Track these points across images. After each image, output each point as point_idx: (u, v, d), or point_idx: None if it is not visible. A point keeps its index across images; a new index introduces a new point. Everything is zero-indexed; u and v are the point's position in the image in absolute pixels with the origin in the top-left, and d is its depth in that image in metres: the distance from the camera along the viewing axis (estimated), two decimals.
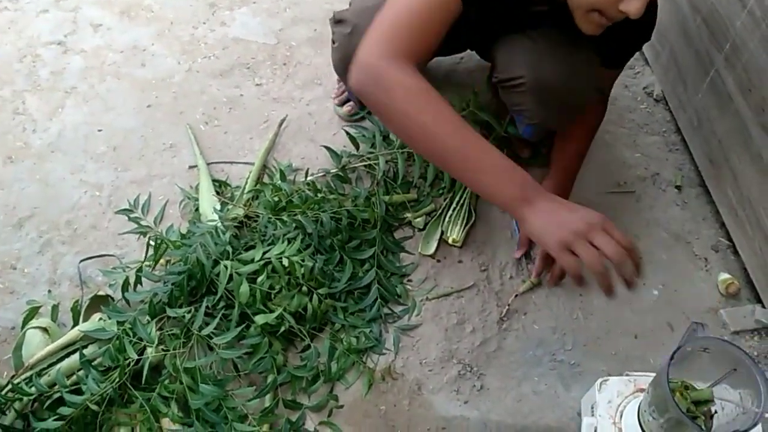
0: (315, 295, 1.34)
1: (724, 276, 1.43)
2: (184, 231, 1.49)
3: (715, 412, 0.99)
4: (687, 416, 0.93)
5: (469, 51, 1.65)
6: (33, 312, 1.36)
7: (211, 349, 1.31)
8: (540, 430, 1.28)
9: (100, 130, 1.72)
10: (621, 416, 1.14)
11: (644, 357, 1.36)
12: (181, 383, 1.23)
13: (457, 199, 1.53)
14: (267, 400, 1.28)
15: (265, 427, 1.24)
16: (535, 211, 0.95)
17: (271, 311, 1.32)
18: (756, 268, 1.39)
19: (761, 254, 1.36)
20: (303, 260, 1.33)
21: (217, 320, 1.28)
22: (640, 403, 1.09)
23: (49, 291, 1.42)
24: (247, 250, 1.38)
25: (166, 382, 1.25)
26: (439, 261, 1.48)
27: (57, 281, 1.46)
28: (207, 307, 1.32)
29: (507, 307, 1.40)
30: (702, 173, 1.57)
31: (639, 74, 1.79)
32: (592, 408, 1.18)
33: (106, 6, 2.02)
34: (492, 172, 0.97)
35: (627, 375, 1.22)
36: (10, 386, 1.22)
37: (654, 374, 1.20)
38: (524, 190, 0.96)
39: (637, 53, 1.81)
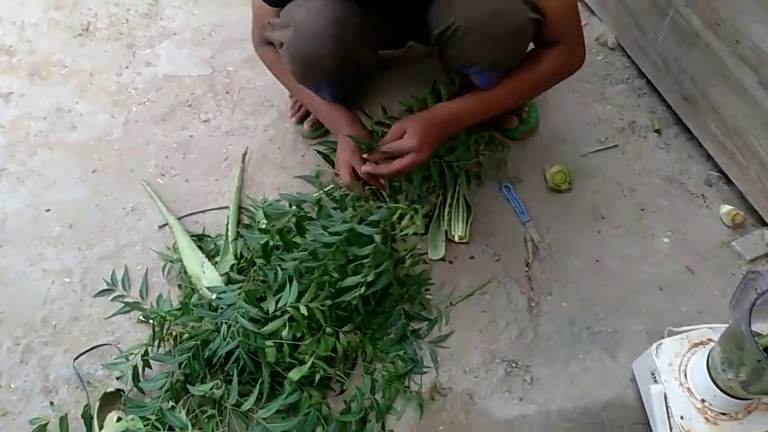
0: (341, 335, 1.27)
1: (727, 208, 1.44)
2: (175, 298, 1.38)
3: None
4: None
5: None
6: (41, 431, 1.22)
7: (246, 416, 1.22)
8: (601, 407, 1.27)
9: (47, 210, 1.55)
10: (685, 376, 1.14)
11: (675, 307, 1.36)
12: None
13: (450, 193, 1.47)
14: None
15: None
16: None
17: (300, 362, 1.24)
18: (757, 195, 1.41)
19: (759, 180, 1.38)
20: (323, 304, 1.24)
21: (256, 392, 1.19)
22: (708, 362, 1.08)
23: (52, 403, 1.27)
24: (259, 300, 1.28)
25: None
26: (451, 263, 1.43)
27: (53, 388, 1.32)
28: (229, 374, 1.23)
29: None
30: (677, 112, 1.57)
31: (587, 25, 1.76)
32: (653, 375, 1.17)
33: (9, 70, 1.82)
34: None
35: (672, 332, 1.21)
36: None
37: (699, 326, 1.21)
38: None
39: (581, 4, 1.79)
